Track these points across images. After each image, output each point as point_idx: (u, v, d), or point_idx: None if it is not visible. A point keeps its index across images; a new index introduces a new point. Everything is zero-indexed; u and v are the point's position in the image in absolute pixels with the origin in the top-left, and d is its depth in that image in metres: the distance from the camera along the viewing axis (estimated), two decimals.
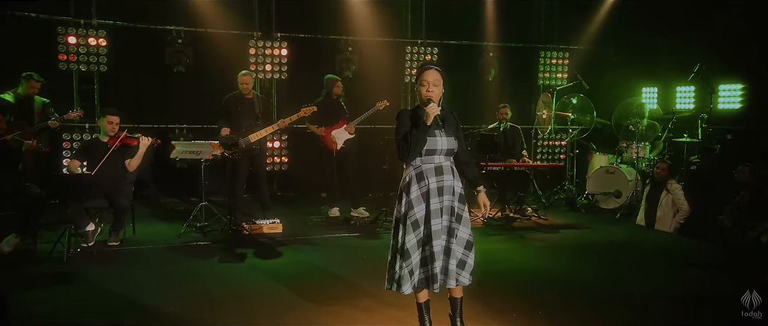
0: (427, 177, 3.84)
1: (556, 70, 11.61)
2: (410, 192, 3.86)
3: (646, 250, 7.01)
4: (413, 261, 3.84)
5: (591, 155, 10.37)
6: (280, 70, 10.10)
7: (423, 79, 3.87)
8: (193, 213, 7.36)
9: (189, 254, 6.35)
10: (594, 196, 9.52)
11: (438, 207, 3.85)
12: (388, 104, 8.29)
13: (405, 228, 3.84)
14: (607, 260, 6.54)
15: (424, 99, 3.82)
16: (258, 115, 7.64)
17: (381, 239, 7.17)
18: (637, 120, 9.42)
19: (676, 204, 7.91)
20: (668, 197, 7.97)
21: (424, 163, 3.86)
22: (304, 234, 7.30)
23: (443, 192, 3.87)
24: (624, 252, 6.92)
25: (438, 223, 3.85)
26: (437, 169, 3.87)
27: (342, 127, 8.19)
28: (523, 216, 8.60)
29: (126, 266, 5.88)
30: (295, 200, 9.99)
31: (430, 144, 3.85)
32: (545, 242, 7.26)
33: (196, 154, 7.19)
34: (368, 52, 10.59)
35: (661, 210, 8.00)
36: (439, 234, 3.86)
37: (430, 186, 3.84)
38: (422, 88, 3.86)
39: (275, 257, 6.29)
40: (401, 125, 3.86)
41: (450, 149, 3.91)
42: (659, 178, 8.12)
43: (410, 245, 3.82)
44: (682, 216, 7.84)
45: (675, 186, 7.98)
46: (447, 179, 3.89)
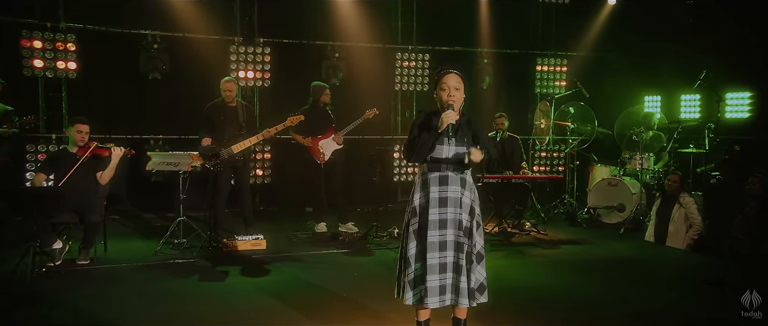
0: (430, 186, 3.90)
1: (553, 77, 11.65)
2: (414, 199, 3.96)
3: (655, 267, 6.99)
4: (415, 272, 3.88)
5: (592, 167, 10.39)
6: (262, 77, 10.07)
7: (443, 83, 3.90)
8: (171, 229, 7.27)
9: (166, 273, 6.26)
10: (596, 210, 9.52)
11: (436, 219, 3.88)
12: (377, 113, 8.30)
13: (408, 235, 3.94)
14: (613, 277, 6.52)
15: (445, 104, 3.84)
16: (242, 125, 7.59)
17: (372, 256, 7.16)
18: (641, 130, 9.42)
19: (689, 219, 7.88)
20: (681, 211, 7.94)
21: (429, 171, 3.93)
22: (290, 251, 7.27)
23: (448, 204, 3.89)
24: (631, 269, 6.91)
25: (435, 235, 3.87)
26: (442, 179, 3.91)
27: (329, 137, 8.16)
28: (521, 231, 8.58)
29: (97, 286, 5.77)
30: (279, 215, 9.93)
31: (437, 152, 3.88)
32: (546, 258, 7.26)
33: (173, 165, 7.12)
34: (356, 58, 10.58)
35: (673, 226, 7.97)
36: (438, 248, 3.86)
37: (432, 196, 3.89)
38: (443, 92, 3.89)
39: (259, 275, 6.23)
40: (414, 127, 3.94)
41: (459, 160, 3.91)
42: (671, 191, 8.10)
43: (411, 253, 3.90)
44: (696, 231, 7.82)
45: (688, 199, 7.96)
46: (452, 190, 3.90)
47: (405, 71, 10.89)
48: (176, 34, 9.65)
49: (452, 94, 3.86)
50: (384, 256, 7.12)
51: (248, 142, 7.47)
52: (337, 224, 8.31)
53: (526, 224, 8.83)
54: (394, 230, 7.99)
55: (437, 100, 3.95)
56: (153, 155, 7.19)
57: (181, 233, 7.27)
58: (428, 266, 3.85)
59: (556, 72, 11.66)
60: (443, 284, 3.89)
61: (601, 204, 9.49)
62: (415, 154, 3.85)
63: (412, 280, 3.90)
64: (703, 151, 8.96)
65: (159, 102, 9.80)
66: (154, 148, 9.39)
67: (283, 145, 9.79)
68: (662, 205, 8.18)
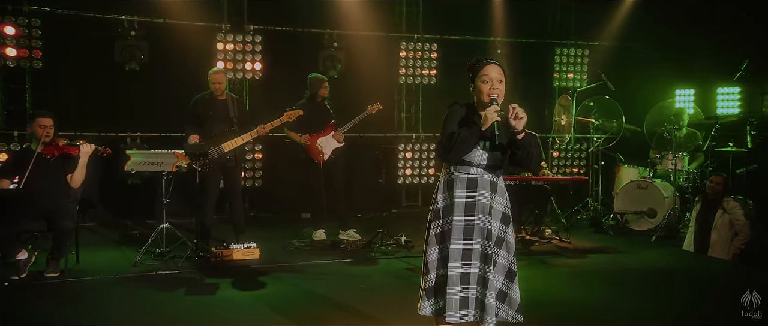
0: (455, 188, 3.87)
1: (573, 69, 11.62)
2: (437, 200, 3.96)
3: (696, 280, 6.92)
4: (434, 280, 3.90)
5: (618, 168, 10.33)
6: (253, 69, 9.99)
7: (484, 74, 3.83)
8: (152, 236, 7.18)
9: (148, 286, 6.17)
10: (623, 216, 9.46)
11: (461, 225, 3.86)
12: (381, 108, 8.30)
13: (428, 237, 3.96)
14: (648, 290, 6.45)
15: (487, 98, 3.79)
16: (233, 120, 7.55)
17: (378, 265, 7.14)
18: (673, 126, 9.33)
19: (735, 226, 7.76)
20: (725, 217, 7.82)
21: (457, 172, 3.90)
22: (286, 261, 7.23)
23: (475, 210, 3.86)
24: (667, 281, 6.84)
25: (458, 243, 3.84)
26: (470, 181, 3.88)
27: (329, 135, 8.14)
28: (541, 239, 8.53)
29: (69, 302, 5.68)
30: (272, 221, 9.89)
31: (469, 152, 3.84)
32: (571, 269, 7.23)
33: (156, 166, 7.04)
34: (357, 47, 10.53)
35: (716, 233, 7.85)
36: (461, 257, 3.84)
37: (456, 200, 3.86)
38: (484, 85, 3.82)
39: (253, 287, 6.18)
40: (451, 120, 3.87)
41: (492, 165, 3.89)
42: (713, 195, 7.98)
43: (431, 259, 3.92)
44: (743, 239, 7.67)
45: (733, 204, 7.82)
46: (481, 195, 3.87)
47: (410, 62, 10.84)
48: (156, 20, 9.56)
49: (496, 87, 3.80)
50: (390, 266, 7.08)
51: (241, 139, 7.44)
52: (337, 231, 8.29)
53: (546, 231, 8.78)
54: (402, 237, 7.96)
55: (475, 94, 3.89)
56: (133, 154, 7.09)
57: (163, 241, 7.19)
58: (449, 276, 3.81)
59: (577, 63, 11.63)
60: (465, 297, 3.84)
61: (630, 209, 9.42)
62: (453, 152, 3.78)
63: (431, 289, 3.91)
64: (744, 150, 8.86)
65: (136, 96, 9.70)
66: (132, 146, 9.29)
67: (276, 143, 9.73)
68: (703, 211, 8.06)
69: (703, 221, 8.01)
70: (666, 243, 8.58)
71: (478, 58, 3.96)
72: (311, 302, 5.73)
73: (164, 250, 7.14)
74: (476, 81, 3.86)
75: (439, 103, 10.73)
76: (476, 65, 3.87)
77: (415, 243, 7.87)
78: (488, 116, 3.69)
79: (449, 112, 3.90)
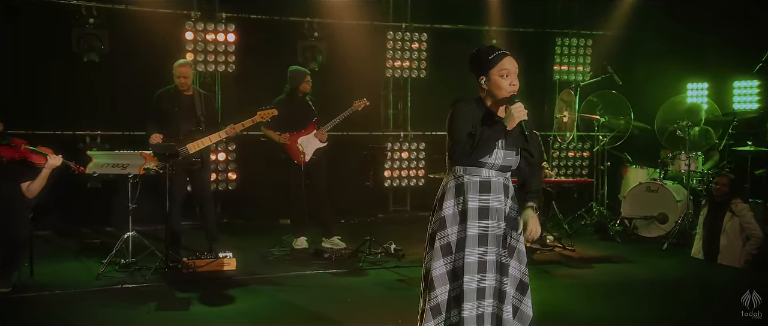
0: (467, 192, 3.86)
1: (576, 61, 11.66)
2: (443, 208, 3.90)
3: (707, 289, 6.98)
4: (439, 297, 3.85)
5: (625, 169, 10.35)
6: (225, 61, 9.93)
7: (504, 67, 3.84)
8: (117, 246, 7.15)
9: (113, 301, 6.14)
10: (631, 221, 9.49)
11: (476, 234, 3.85)
12: (368, 104, 8.32)
13: (432, 251, 3.89)
14: (660, 302, 6.52)
15: (507, 94, 3.82)
16: (200, 119, 7.53)
17: (366, 276, 7.16)
18: (686, 123, 9.37)
19: (746, 230, 7.80)
20: (734, 221, 7.87)
21: (467, 174, 3.88)
22: (265, 272, 7.22)
23: (489, 216, 3.86)
24: (679, 292, 6.89)
25: (474, 254, 3.84)
26: (483, 185, 3.87)
27: (311, 133, 8.15)
28: (543, 247, 8.55)
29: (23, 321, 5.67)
30: (248, 228, 9.88)
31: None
32: (577, 279, 7.27)
33: (121, 167, 7.00)
34: (339, 38, 10.53)
35: (725, 238, 7.90)
36: (477, 269, 3.83)
37: (469, 205, 3.85)
38: (503, 79, 3.83)
39: (229, 302, 6.18)
40: (461, 119, 3.83)
41: (506, 165, 3.90)
42: (719, 197, 8.04)
43: (437, 274, 3.86)
44: (755, 244, 7.72)
45: (742, 206, 7.88)
46: (495, 199, 3.88)
47: (398, 54, 10.83)
48: (117, 7, 9.48)
49: (515, 83, 3.83)
50: (380, 277, 7.10)
51: (208, 140, 7.45)
52: (320, 238, 8.29)
53: (548, 238, 8.79)
54: (391, 245, 7.97)
55: (491, 88, 3.86)
56: (95, 155, 7.03)
57: (129, 251, 7.17)
58: (465, 291, 3.80)
59: (579, 54, 11.66)
60: (482, 313, 3.85)
61: (638, 213, 9.44)
62: (475, 153, 3.76)
63: (437, 307, 3.85)
64: (764, 150, 8.93)
65: (97, 90, 9.65)
66: (92, 146, 9.21)
67: (251, 143, 9.69)
68: (710, 215, 8.12)
69: (711, 226, 8.05)
70: (679, 251, 8.61)
71: (492, 47, 3.96)
72: (293, 317, 5.72)
73: (130, 261, 7.12)
74: (491, 74, 3.83)
75: (430, 98, 10.85)
76: (492, 56, 3.85)
77: (405, 252, 7.88)
78: (515, 114, 3.71)
79: (455, 110, 3.86)
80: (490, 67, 3.83)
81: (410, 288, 6.51)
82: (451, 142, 3.81)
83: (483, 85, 3.88)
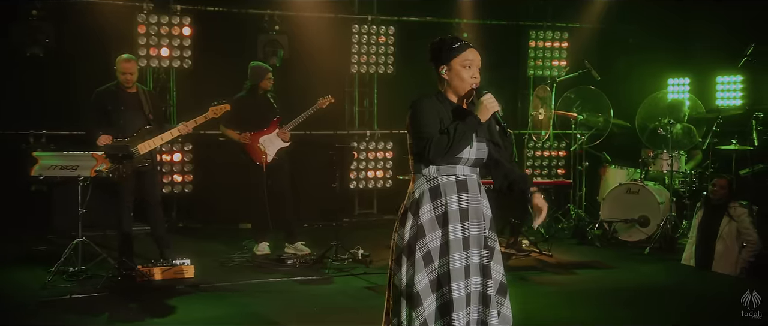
0: (446, 194, 3.82)
1: (551, 55, 11.76)
2: (420, 213, 3.82)
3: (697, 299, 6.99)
4: (426, 310, 3.76)
5: (604, 169, 10.42)
6: (181, 56, 9.91)
7: (465, 58, 3.85)
8: (65, 253, 7.06)
9: (62, 312, 6.07)
10: (611, 225, 9.55)
11: (460, 237, 3.81)
12: (333, 101, 8.37)
13: (412, 263, 3.79)
14: (644, 312, 6.52)
15: (468, 86, 3.85)
16: (148, 117, 7.50)
17: (332, 284, 7.15)
18: (669, 121, 9.47)
19: (742, 236, 7.79)
20: (731, 225, 7.85)
21: (441, 175, 3.84)
22: (225, 279, 7.20)
23: (469, 216, 3.84)
24: (669, 301, 6.91)
25: (460, 259, 3.80)
26: (460, 184, 3.85)
27: (273, 132, 8.16)
28: (519, 252, 8.60)
29: None
30: (205, 233, 9.87)
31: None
32: (558, 286, 7.29)
33: (70, 170, 6.92)
34: (302, 31, 10.53)
35: (721, 244, 7.87)
36: (464, 274, 3.80)
37: (450, 207, 3.81)
38: (466, 71, 3.85)
39: (187, 312, 6.13)
40: (426, 115, 3.80)
41: (479, 159, 3.90)
42: (717, 200, 8.02)
43: (422, 287, 3.76)
44: (751, 251, 7.72)
45: (740, 210, 7.84)
46: (473, 198, 3.87)
47: (364, 48, 10.86)
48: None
49: (476, 75, 3.85)
50: (348, 284, 7.11)
51: (160, 139, 7.41)
52: (282, 244, 8.28)
53: (523, 242, 8.85)
54: (359, 251, 7.98)
55: (452, 79, 3.87)
56: (41, 156, 6.98)
57: (79, 259, 7.09)
58: (455, 300, 3.74)
59: (555, 48, 11.76)
60: (468, 320, 3.81)
61: (618, 216, 9.50)
62: (451, 151, 3.73)
63: (424, 323, 3.77)
64: (749, 148, 9.02)
65: (41, 87, 9.53)
66: (37, 147, 9.10)
67: (208, 142, 9.67)
68: (706, 219, 8.09)
69: (707, 231, 8.00)
70: (661, 256, 8.67)
71: (454, 37, 3.94)
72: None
73: (80, 269, 7.04)
74: (453, 64, 3.84)
75: (397, 95, 10.83)
76: (455, 45, 3.85)
77: (374, 258, 7.90)
78: (488, 105, 3.73)
79: (418, 107, 3.83)
80: (453, 56, 3.84)
81: (379, 295, 6.36)
82: (422, 141, 3.75)
83: (443, 75, 3.87)
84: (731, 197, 7.96)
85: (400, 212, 3.92)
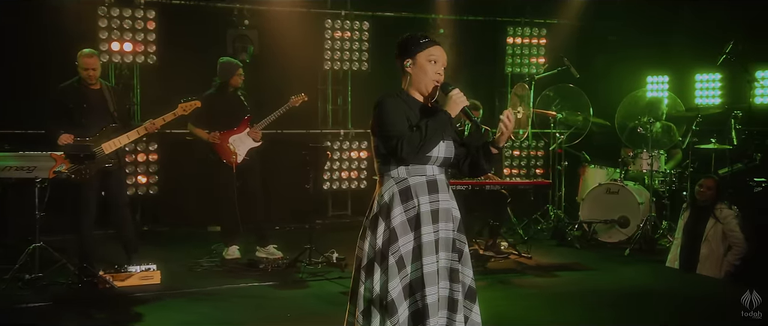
0: (417, 195, 3.83)
1: (529, 52, 11.79)
2: (392, 217, 3.81)
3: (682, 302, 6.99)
4: (400, 319, 3.74)
5: (583, 169, 10.46)
6: (145, 51, 9.80)
7: (431, 53, 3.90)
8: (21, 260, 6.98)
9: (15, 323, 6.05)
10: (591, 226, 9.58)
11: (432, 240, 3.83)
12: (306, 99, 8.38)
13: (385, 269, 3.77)
14: (628, 315, 6.55)
15: (431, 81, 3.90)
16: (113, 115, 7.44)
17: (307, 288, 7.14)
18: (648, 119, 9.51)
19: (728, 238, 7.80)
20: (717, 227, 7.86)
21: (411, 175, 3.86)
22: (194, 285, 7.17)
23: (439, 218, 3.87)
24: (649, 304, 6.93)
25: (433, 262, 3.80)
26: (430, 184, 3.87)
27: (243, 131, 8.16)
28: (497, 254, 8.57)
29: None
30: (172, 237, 9.82)
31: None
32: (539, 289, 7.32)
33: (27, 170, 6.84)
34: (273, 26, 10.49)
35: (706, 247, 7.88)
36: (437, 278, 3.81)
37: (422, 209, 3.83)
38: (431, 66, 3.90)
39: (154, 320, 6.10)
40: (393, 114, 3.81)
41: (447, 157, 3.93)
42: (703, 201, 8.03)
43: (396, 294, 3.74)
44: (737, 253, 7.73)
45: (727, 212, 7.85)
46: (443, 199, 3.90)
47: (337, 44, 10.85)
48: None
49: (440, 72, 3.91)
50: (323, 289, 7.10)
51: (126, 138, 7.36)
52: (253, 247, 8.29)
53: (502, 244, 8.83)
54: (333, 254, 7.94)
55: (416, 73, 3.91)
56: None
57: (36, 265, 6.97)
58: (429, 305, 3.73)
59: (533, 45, 11.80)
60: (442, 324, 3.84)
61: (598, 217, 9.53)
62: (425, 147, 3.75)
63: None
64: (728, 148, 9.08)
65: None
66: None
67: (175, 141, 9.57)
68: (692, 220, 8.10)
69: (692, 233, 8.01)
70: (642, 257, 8.72)
71: (421, 34, 3.99)
72: None
73: (37, 276, 6.91)
74: (418, 57, 3.88)
75: (372, 93, 10.59)
76: (423, 40, 3.90)
77: (349, 261, 7.79)
78: (457, 100, 3.78)
79: (383, 107, 3.83)
80: (419, 50, 3.88)
81: None
82: (392, 140, 3.74)
83: (407, 69, 3.90)
84: (718, 198, 7.98)
85: (368, 217, 3.93)
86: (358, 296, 3.83)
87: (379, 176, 3.91)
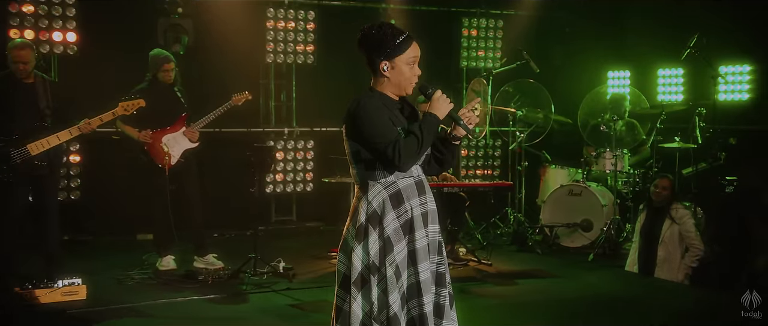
0: (408, 199, 3.83)
1: (486, 45, 11.79)
2: (384, 225, 3.77)
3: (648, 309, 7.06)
4: None
5: (543, 169, 10.53)
6: (64, 41, 9.50)
7: (411, 55, 3.84)
8: None
9: None
10: (553, 230, 9.63)
11: (425, 244, 3.84)
12: (250, 98, 8.39)
13: (385, 282, 3.73)
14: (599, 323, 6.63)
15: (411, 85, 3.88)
16: (45, 112, 7.16)
17: (250, 302, 7.05)
18: (611, 117, 9.57)
19: (685, 240, 7.94)
20: (673, 229, 7.98)
21: (399, 178, 3.84)
22: (124, 301, 7.00)
23: (428, 221, 3.88)
24: (618, 312, 7.00)
25: (427, 269, 3.81)
26: (418, 186, 3.88)
27: (179, 131, 8.06)
28: (456, 261, 8.60)
29: None
30: (98, 247, 9.65)
31: None
32: (501, 298, 7.34)
33: None
34: (209, 15, 10.39)
35: (663, 249, 7.99)
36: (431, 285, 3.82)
37: (414, 212, 3.83)
38: (410, 69, 3.85)
39: None
40: (379, 118, 3.77)
41: (427, 156, 4.01)
42: (659, 202, 8.13)
43: (397, 307, 3.73)
44: (695, 255, 7.86)
45: (682, 212, 8.02)
46: (430, 200, 3.92)
47: (280, 36, 10.74)
48: None
49: (418, 72, 3.89)
50: (269, 302, 7.04)
51: (56, 138, 7.07)
52: (191, 257, 8.26)
53: (460, 250, 8.89)
54: (280, 264, 7.91)
55: (395, 77, 3.85)
56: None
57: None
58: (427, 314, 3.75)
59: (489, 38, 11.81)
60: None
61: (560, 220, 9.61)
62: (421, 153, 3.78)
63: None
64: (693, 146, 9.15)
65: None
66: None
67: (101, 141, 9.34)
68: (648, 222, 8.22)
69: (649, 235, 8.13)
70: (606, 262, 8.81)
71: (392, 27, 3.91)
72: None
73: None
74: (398, 61, 3.81)
75: (319, 88, 10.93)
76: (400, 39, 3.80)
77: (297, 271, 7.84)
78: (443, 104, 3.79)
79: (366, 110, 3.76)
80: (398, 53, 3.80)
81: (305, 314, 6.49)
82: (382, 147, 3.70)
83: (385, 73, 3.82)
84: (674, 198, 8.14)
85: (353, 226, 3.84)
86: (349, 315, 3.75)
87: (360, 182, 3.85)
